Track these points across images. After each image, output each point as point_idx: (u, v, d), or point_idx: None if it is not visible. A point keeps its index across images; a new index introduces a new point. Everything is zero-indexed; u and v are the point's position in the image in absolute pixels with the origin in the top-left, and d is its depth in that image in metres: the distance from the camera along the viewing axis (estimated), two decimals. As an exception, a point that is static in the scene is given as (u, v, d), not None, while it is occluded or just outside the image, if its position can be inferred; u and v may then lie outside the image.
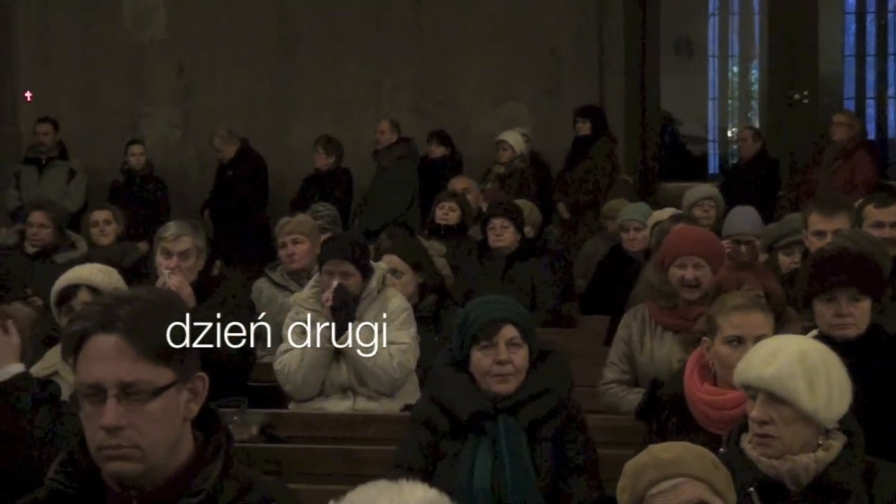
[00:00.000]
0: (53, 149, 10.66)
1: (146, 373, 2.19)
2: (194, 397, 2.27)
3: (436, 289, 6.18)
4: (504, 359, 4.09)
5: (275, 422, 5.30)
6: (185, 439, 2.28)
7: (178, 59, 11.53)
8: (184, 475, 2.25)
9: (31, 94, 11.36)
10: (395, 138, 10.75)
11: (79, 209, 10.20)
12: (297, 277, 6.56)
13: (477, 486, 4.01)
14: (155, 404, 2.20)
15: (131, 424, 2.19)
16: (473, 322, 4.13)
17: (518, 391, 4.12)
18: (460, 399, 4.12)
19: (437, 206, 8.47)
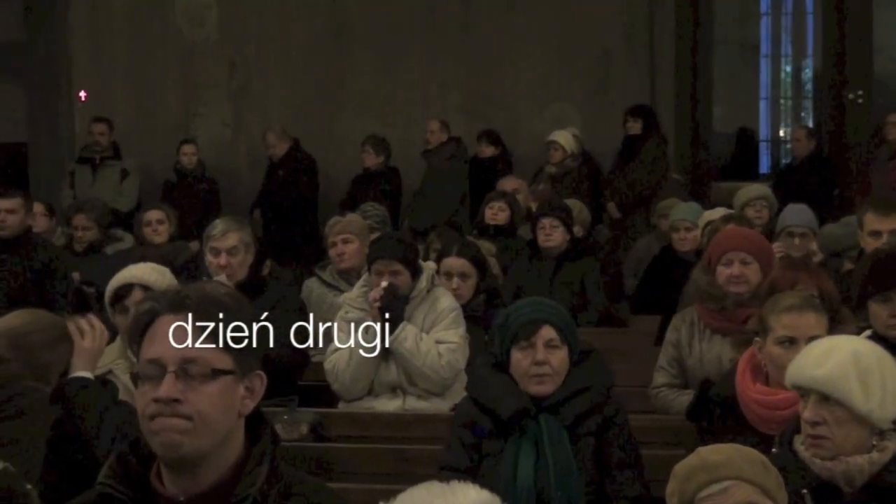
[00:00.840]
0: (108, 148, 10.73)
1: (208, 353, 2.22)
2: (251, 395, 2.28)
3: (486, 289, 6.18)
4: (542, 359, 4.09)
5: (324, 421, 5.31)
6: (237, 438, 2.28)
7: (230, 58, 11.60)
8: (231, 478, 2.25)
9: (86, 94, 11.45)
10: (445, 138, 10.75)
11: (132, 209, 10.28)
12: (347, 277, 6.57)
13: (521, 484, 4.01)
14: (212, 386, 2.22)
15: (186, 401, 2.21)
16: (512, 323, 4.15)
17: (558, 390, 4.11)
18: (501, 399, 4.12)
19: (486, 206, 8.46)
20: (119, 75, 11.56)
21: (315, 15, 11.54)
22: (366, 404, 5.53)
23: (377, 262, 5.51)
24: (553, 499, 4.00)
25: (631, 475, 4.10)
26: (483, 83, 11.49)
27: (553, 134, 10.28)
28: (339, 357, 5.50)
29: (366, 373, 5.46)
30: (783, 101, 14.44)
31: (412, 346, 5.38)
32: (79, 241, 8.45)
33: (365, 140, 10.71)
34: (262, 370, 2.29)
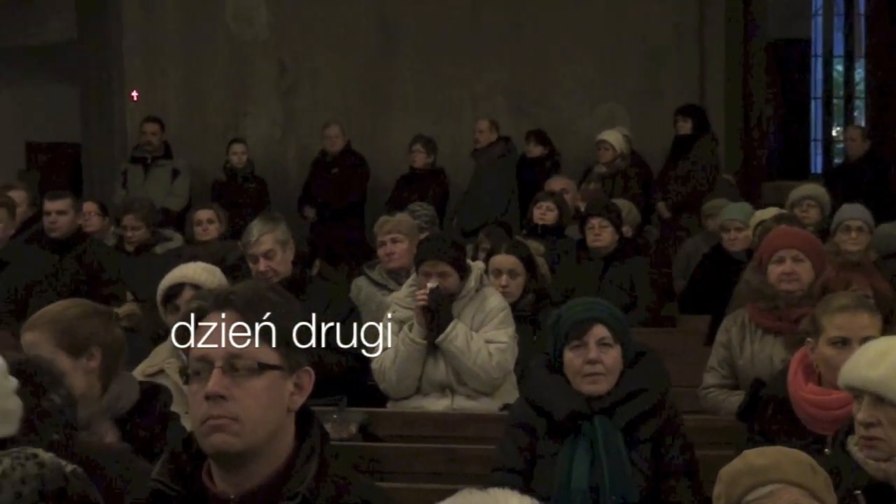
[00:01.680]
0: (159, 148, 10.79)
1: (253, 348, 2.24)
2: (299, 390, 2.29)
3: (535, 289, 6.17)
4: (594, 358, 4.07)
5: (373, 420, 5.32)
6: (287, 434, 2.29)
7: (279, 58, 11.64)
8: (280, 475, 2.26)
9: (138, 94, 11.53)
10: (494, 138, 10.74)
11: (182, 208, 10.34)
12: (396, 276, 6.58)
13: (575, 486, 3.99)
14: (259, 381, 2.23)
15: (234, 397, 2.22)
16: (564, 323, 4.14)
17: (613, 391, 4.10)
18: (556, 400, 4.11)
19: (534, 205, 8.44)
20: (170, 75, 11.63)
21: (363, 14, 11.57)
22: (414, 403, 5.54)
23: (424, 262, 5.52)
24: (607, 501, 3.98)
25: (688, 484, 4.07)
26: (532, 83, 11.47)
27: (603, 133, 10.24)
28: (385, 356, 5.52)
29: (412, 371, 5.47)
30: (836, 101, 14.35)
31: (462, 345, 5.38)
32: (129, 241, 8.52)
33: (415, 139, 10.72)
34: (310, 366, 2.30)
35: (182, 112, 11.55)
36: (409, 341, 5.44)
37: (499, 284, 5.95)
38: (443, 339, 5.41)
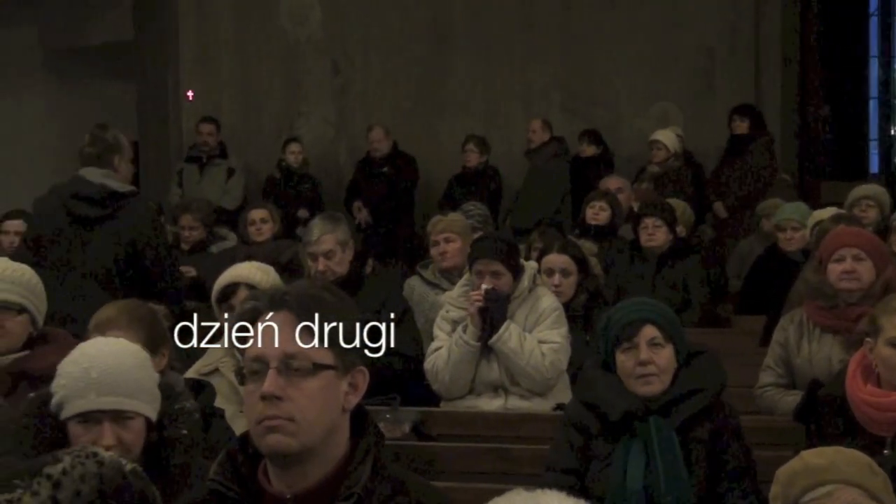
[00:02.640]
0: (214, 148, 10.84)
1: (308, 348, 2.24)
2: (354, 390, 2.29)
3: (588, 288, 6.15)
4: (645, 359, 4.04)
5: (427, 420, 5.33)
6: (342, 434, 2.29)
7: (333, 57, 11.68)
8: (335, 474, 2.26)
9: (193, 94, 11.60)
10: (547, 137, 10.72)
11: (237, 207, 10.39)
12: (449, 275, 6.58)
13: (630, 487, 3.97)
14: (313, 382, 2.23)
15: (289, 398, 2.23)
16: (614, 325, 4.11)
17: (668, 391, 4.07)
18: (610, 400, 4.08)
19: (587, 205, 8.41)
20: (225, 75, 11.70)
21: (416, 14, 11.58)
22: (468, 403, 5.54)
23: (478, 262, 5.51)
24: (662, 502, 3.96)
25: (745, 486, 4.03)
26: (585, 82, 11.44)
27: (656, 133, 10.19)
28: (438, 356, 5.52)
29: (465, 372, 5.47)
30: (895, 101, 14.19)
31: (516, 346, 5.37)
32: (185, 240, 8.57)
33: (468, 139, 10.71)
34: (365, 366, 2.30)
35: (236, 112, 11.61)
36: (463, 342, 5.44)
37: (551, 284, 5.94)
38: (496, 340, 5.41)
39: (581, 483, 4.02)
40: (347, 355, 2.27)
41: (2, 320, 4.09)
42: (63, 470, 2.10)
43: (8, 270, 4.19)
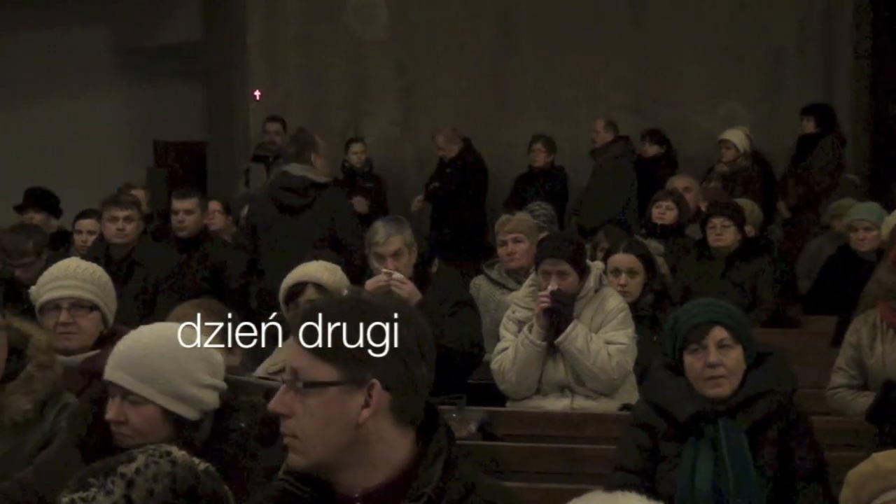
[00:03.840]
0: (281, 147, 10.91)
1: (307, 365, 2.21)
2: (370, 405, 2.22)
3: (654, 288, 6.12)
4: (714, 361, 4.00)
5: (493, 419, 5.33)
6: (383, 442, 2.24)
7: (398, 57, 11.71)
8: (406, 475, 2.24)
9: (260, 93, 11.68)
10: (612, 137, 10.68)
11: (302, 207, 10.44)
12: (515, 275, 6.58)
13: (698, 488, 3.94)
14: (313, 399, 2.20)
15: (295, 414, 2.22)
16: (682, 326, 4.07)
17: (737, 393, 4.03)
18: (678, 402, 4.05)
19: (653, 205, 8.37)
20: (291, 74, 11.77)
21: (482, 14, 11.58)
22: (534, 403, 5.53)
23: (545, 261, 5.50)
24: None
25: (816, 488, 3.99)
26: (651, 82, 11.38)
27: (725, 133, 10.13)
28: (505, 357, 5.52)
29: (531, 372, 5.47)
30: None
31: (583, 346, 5.36)
32: (251, 240, 8.62)
33: (534, 138, 10.70)
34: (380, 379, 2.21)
35: (302, 111, 11.67)
36: (529, 343, 5.43)
37: (618, 284, 5.92)
38: (562, 340, 5.40)
39: (649, 484, 4.00)
40: (357, 370, 2.21)
41: (75, 318, 4.14)
42: (137, 469, 2.12)
43: (80, 269, 4.24)
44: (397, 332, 2.21)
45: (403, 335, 2.22)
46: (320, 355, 2.21)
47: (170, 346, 3.00)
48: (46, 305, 4.19)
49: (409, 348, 2.22)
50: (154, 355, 2.97)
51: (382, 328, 2.21)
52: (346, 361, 2.20)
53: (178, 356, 3.00)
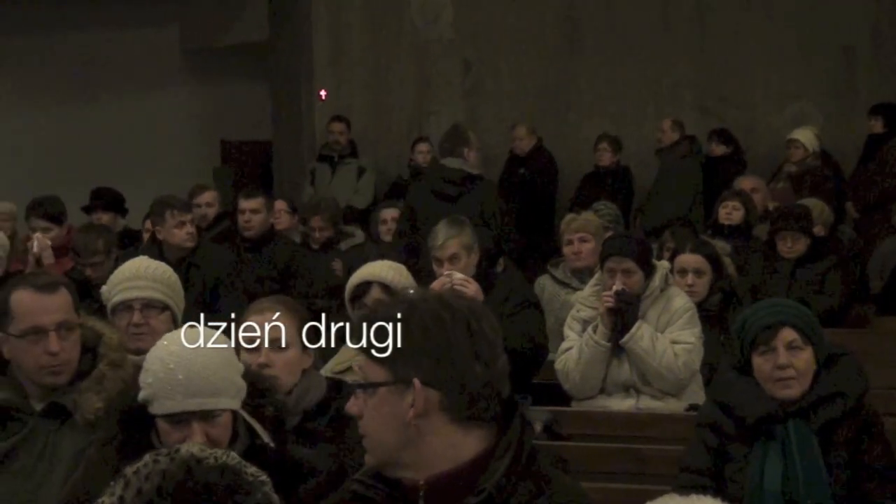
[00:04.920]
0: (345, 147, 10.95)
1: (365, 367, 2.29)
2: (417, 404, 2.24)
3: (721, 288, 6.08)
4: (784, 363, 3.96)
5: (558, 419, 5.31)
6: (444, 439, 2.25)
7: (464, 57, 11.71)
8: (474, 467, 2.24)
9: (326, 93, 11.72)
10: (677, 137, 10.61)
11: (367, 206, 10.48)
12: (580, 275, 6.55)
13: (767, 489, 3.91)
14: (371, 399, 2.28)
15: (362, 415, 2.30)
16: (750, 328, 4.03)
17: (807, 394, 3.99)
18: (746, 403, 4.01)
19: (720, 205, 8.31)
20: (356, 74, 11.80)
21: (547, 12, 11.55)
22: (599, 403, 5.51)
23: (610, 259, 5.49)
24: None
25: (888, 489, 3.93)
26: (718, 81, 11.29)
27: (794, 132, 10.03)
28: (569, 356, 5.51)
29: (595, 372, 5.45)
30: None
31: (648, 346, 5.34)
32: (314, 240, 8.66)
33: (600, 138, 10.66)
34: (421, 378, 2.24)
35: (367, 111, 11.70)
36: (593, 343, 5.42)
37: (684, 284, 5.89)
38: (627, 340, 5.38)
39: (715, 485, 3.98)
40: (403, 371, 2.25)
41: (147, 318, 4.18)
42: (136, 469, 2.11)
43: (150, 269, 4.28)
44: (445, 332, 2.24)
45: (453, 335, 2.24)
46: (372, 357, 2.27)
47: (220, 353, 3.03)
48: (118, 306, 4.23)
49: (459, 347, 2.24)
50: (215, 368, 2.99)
51: (427, 328, 2.24)
52: (393, 362, 2.25)
53: (230, 358, 3.06)
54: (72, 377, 3.58)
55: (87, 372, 3.60)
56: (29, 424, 3.56)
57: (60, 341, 3.54)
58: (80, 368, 3.61)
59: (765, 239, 7.65)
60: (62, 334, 3.54)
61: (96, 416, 3.50)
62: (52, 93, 14.20)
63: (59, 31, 13.99)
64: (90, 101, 14.27)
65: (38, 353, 3.53)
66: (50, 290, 3.59)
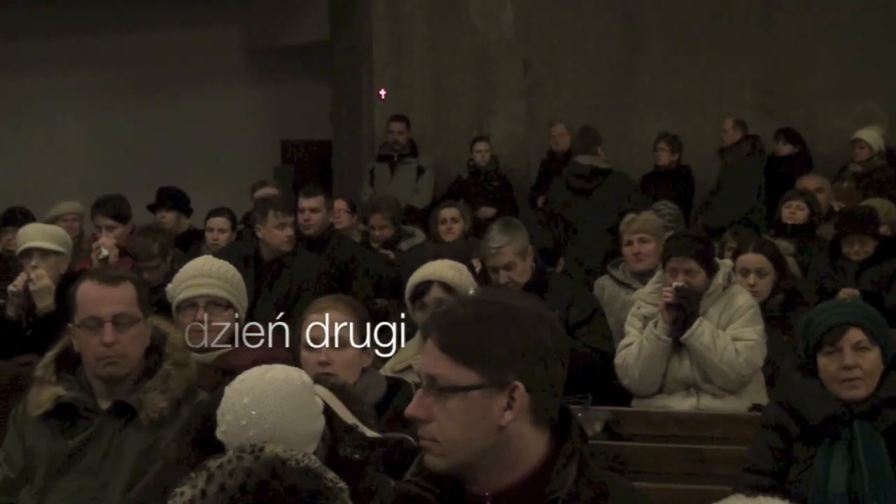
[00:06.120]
0: (405, 146, 10.96)
1: (447, 370, 2.21)
2: (512, 407, 2.21)
3: (785, 288, 6.03)
4: (850, 363, 3.92)
5: (619, 419, 5.29)
6: (520, 445, 2.23)
7: (523, 56, 11.69)
8: (538, 476, 2.23)
9: (385, 93, 11.75)
10: (739, 136, 10.54)
11: (427, 205, 10.49)
12: (641, 276, 6.52)
13: (832, 491, 3.87)
14: (453, 403, 2.20)
15: (434, 418, 2.22)
16: (816, 328, 3.99)
17: (874, 395, 3.95)
18: (811, 404, 3.98)
19: (783, 204, 8.23)
20: (416, 73, 11.83)
21: (608, 11, 11.51)
22: (659, 402, 5.49)
23: (672, 259, 5.47)
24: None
25: None
26: (780, 80, 11.20)
27: (859, 132, 9.94)
28: (629, 352, 5.50)
29: (655, 367, 5.44)
30: None
31: (708, 342, 5.31)
32: (375, 239, 8.66)
33: (659, 137, 10.61)
34: (522, 381, 2.20)
35: (427, 110, 11.72)
36: (654, 337, 5.41)
37: (746, 284, 5.85)
38: (688, 336, 5.36)
39: (780, 485, 3.95)
40: (498, 373, 2.20)
41: (211, 315, 4.22)
42: (220, 464, 2.12)
43: (215, 267, 4.32)
44: (535, 332, 2.21)
45: (541, 335, 2.22)
46: (460, 359, 2.20)
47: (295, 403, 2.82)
48: (183, 303, 4.27)
49: (547, 347, 2.22)
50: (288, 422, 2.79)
51: (522, 328, 2.21)
52: (486, 364, 2.20)
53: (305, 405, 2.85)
54: (130, 371, 3.62)
55: (153, 371, 3.64)
56: (95, 423, 3.59)
57: (117, 333, 3.57)
58: (146, 367, 3.65)
59: (830, 239, 7.57)
60: (119, 327, 3.57)
61: (161, 415, 3.53)
62: (117, 93, 14.37)
63: (124, 32, 14.16)
64: (154, 101, 14.41)
65: (94, 344, 3.57)
66: (113, 282, 3.62)
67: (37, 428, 3.62)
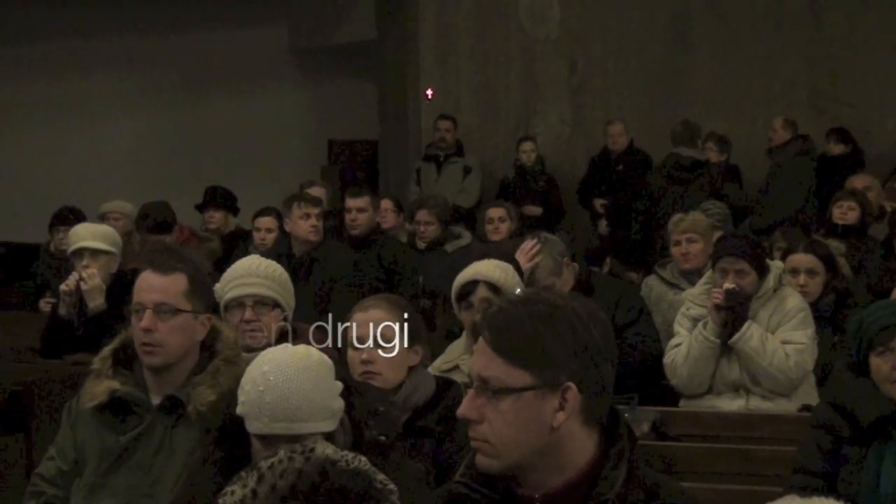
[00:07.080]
0: (452, 145, 10.96)
1: (499, 371, 2.20)
2: (564, 407, 2.20)
3: (836, 288, 5.98)
4: (903, 363, 3.89)
5: (666, 419, 5.26)
6: (571, 445, 2.22)
7: (570, 56, 11.67)
8: (585, 478, 2.22)
9: (433, 92, 11.76)
10: (789, 136, 10.45)
11: (473, 205, 10.49)
12: (689, 276, 6.49)
13: (883, 492, 3.84)
14: (506, 404, 2.19)
15: (485, 419, 2.21)
16: (868, 328, 3.98)
17: (927, 395, 3.91)
18: (862, 404, 3.95)
19: (834, 204, 8.16)
20: (463, 73, 11.83)
21: (655, 11, 11.47)
22: (707, 403, 5.46)
23: (722, 259, 5.43)
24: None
25: None
26: (831, 80, 11.12)
27: (910, 130, 9.85)
28: (678, 352, 5.48)
29: (704, 369, 5.41)
30: None
31: (757, 345, 5.28)
32: (421, 237, 8.56)
33: (707, 137, 10.55)
34: (575, 381, 2.20)
35: (474, 110, 11.72)
36: (703, 339, 5.38)
37: (796, 284, 5.80)
38: (737, 340, 5.32)
39: (830, 486, 3.91)
40: (551, 374, 2.19)
41: (258, 315, 4.23)
42: (271, 464, 2.12)
43: (262, 267, 4.33)
44: (587, 332, 2.20)
45: (592, 335, 2.21)
46: (512, 360, 2.20)
47: (313, 376, 2.96)
48: (231, 303, 4.29)
49: (598, 348, 2.21)
50: (305, 393, 2.92)
51: (574, 329, 2.20)
52: (540, 365, 2.19)
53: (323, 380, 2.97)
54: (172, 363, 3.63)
55: (203, 367, 3.66)
56: (147, 419, 3.61)
57: (157, 321, 3.58)
58: (198, 364, 3.66)
59: (881, 239, 7.49)
60: (160, 315, 3.58)
61: (209, 408, 3.55)
62: (165, 93, 14.46)
63: (171, 33, 14.25)
64: (201, 101, 14.50)
65: (138, 330, 3.60)
66: (164, 271, 3.65)
67: (89, 421, 3.65)
